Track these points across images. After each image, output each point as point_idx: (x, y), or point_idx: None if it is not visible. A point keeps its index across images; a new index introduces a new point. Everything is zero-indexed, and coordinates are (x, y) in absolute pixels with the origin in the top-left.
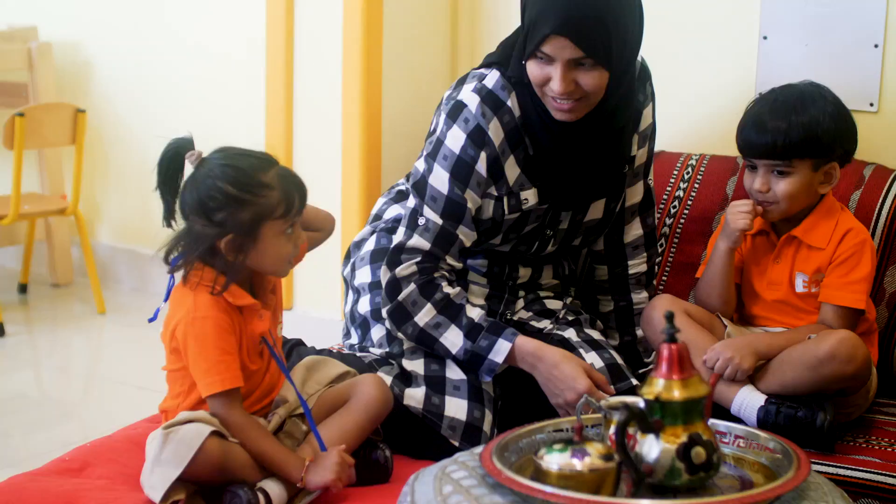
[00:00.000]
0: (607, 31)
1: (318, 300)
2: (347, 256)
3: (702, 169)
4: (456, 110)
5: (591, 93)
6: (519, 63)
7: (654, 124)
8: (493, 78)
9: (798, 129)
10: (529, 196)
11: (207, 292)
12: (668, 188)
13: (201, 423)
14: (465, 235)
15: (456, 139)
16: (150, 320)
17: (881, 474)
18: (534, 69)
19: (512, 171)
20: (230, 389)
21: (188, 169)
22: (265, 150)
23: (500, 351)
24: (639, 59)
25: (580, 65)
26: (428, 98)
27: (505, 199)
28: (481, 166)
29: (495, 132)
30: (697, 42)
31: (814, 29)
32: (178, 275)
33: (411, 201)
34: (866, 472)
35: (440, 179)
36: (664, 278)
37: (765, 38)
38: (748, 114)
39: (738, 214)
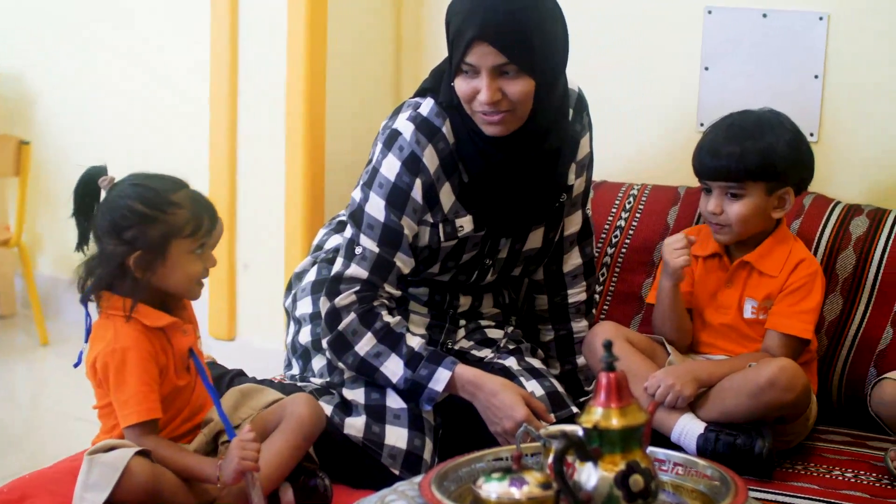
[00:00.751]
0: (529, 37)
1: (262, 330)
2: (289, 287)
3: (643, 199)
4: (391, 139)
5: (519, 102)
6: (449, 86)
7: (591, 154)
8: (427, 105)
9: (753, 154)
10: (465, 223)
11: (124, 321)
12: (610, 218)
13: (126, 448)
14: (403, 262)
15: (391, 167)
16: (76, 365)
17: (819, 500)
18: (462, 85)
19: (447, 198)
20: (147, 421)
21: (103, 195)
22: (209, 179)
23: (439, 380)
24: (576, 88)
25: (504, 73)
26: (371, 128)
27: (440, 227)
28: (417, 193)
29: (430, 159)
30: (640, 73)
31: (755, 59)
32: (93, 310)
33: (348, 231)
34: (805, 498)
35: (376, 207)
36: (605, 307)
37: (706, 68)
38: (705, 136)
39: (674, 252)
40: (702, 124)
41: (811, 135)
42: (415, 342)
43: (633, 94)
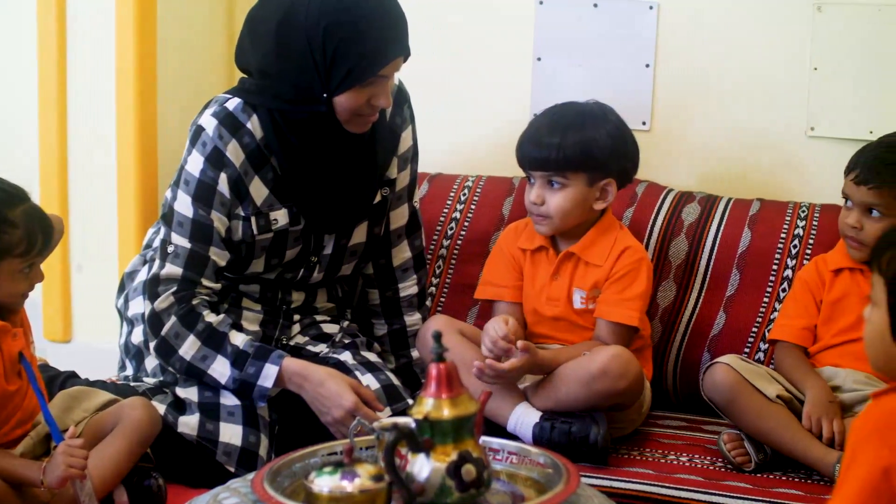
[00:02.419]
0: None
1: (97, 331)
2: (121, 287)
3: (478, 190)
4: (196, 135)
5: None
6: (303, 102)
7: (415, 147)
8: (234, 102)
9: (573, 145)
10: (279, 217)
11: None
12: (445, 210)
13: None
14: (218, 256)
15: (195, 163)
16: None
17: (654, 485)
18: (355, 97)
19: (259, 191)
20: None
21: None
22: (39, 180)
23: (268, 376)
24: (396, 81)
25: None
26: None
27: (253, 220)
28: (223, 187)
29: (234, 153)
30: (473, 64)
31: (587, 50)
32: None
33: (161, 232)
34: (640, 483)
35: (184, 204)
36: (442, 299)
37: (539, 59)
38: (528, 127)
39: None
40: (535, 115)
41: (643, 123)
42: (239, 340)
43: (467, 85)
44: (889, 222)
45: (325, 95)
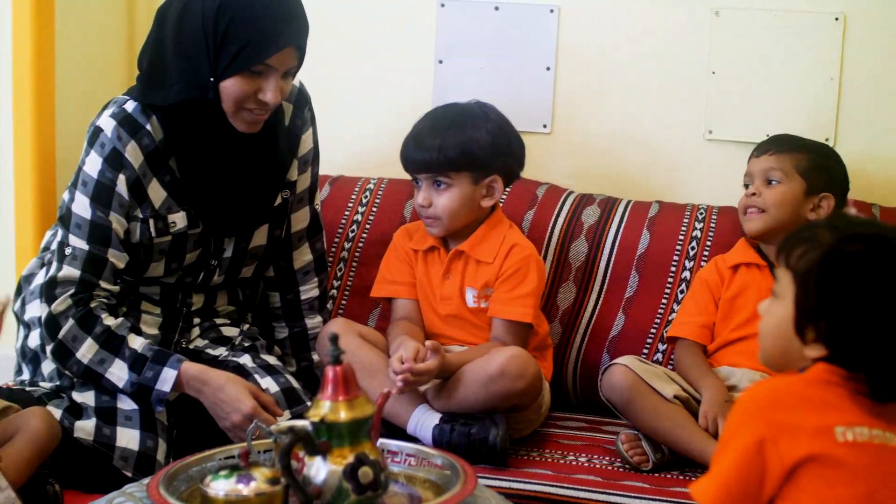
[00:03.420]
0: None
1: None
2: (18, 291)
3: (380, 192)
4: (94, 136)
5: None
6: (189, 87)
7: (315, 149)
8: (133, 103)
9: (454, 145)
10: (177, 219)
11: None
12: (347, 212)
13: None
14: (116, 258)
15: (93, 164)
16: None
17: (552, 486)
18: (241, 85)
19: (157, 193)
20: None
21: None
22: None
23: (166, 380)
24: (296, 83)
25: (286, 74)
26: None
27: (151, 222)
28: (121, 188)
29: (133, 155)
30: (375, 67)
31: (488, 53)
32: None
33: (59, 234)
34: (538, 483)
35: (82, 206)
36: (344, 302)
37: (440, 61)
38: (411, 130)
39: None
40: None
41: (544, 126)
42: (137, 343)
43: (369, 88)
44: (785, 189)
45: (211, 80)
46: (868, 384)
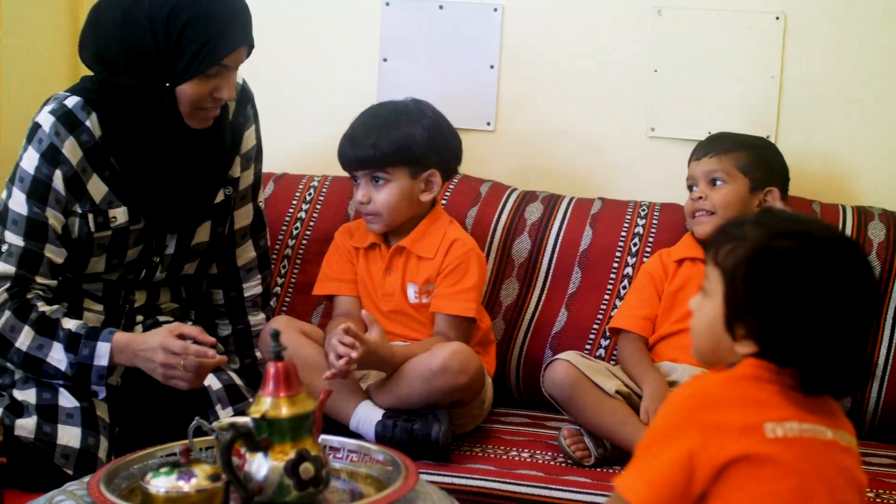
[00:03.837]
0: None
1: None
2: None
3: (324, 190)
4: (32, 132)
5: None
6: (139, 84)
7: (259, 146)
8: (73, 99)
9: (390, 142)
10: (118, 214)
11: None
12: (291, 210)
13: None
14: (54, 254)
15: (31, 160)
16: None
17: (495, 481)
18: (199, 87)
19: (97, 188)
20: None
21: None
22: None
23: (102, 354)
24: (239, 80)
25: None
26: None
27: (90, 217)
28: (58, 184)
29: (71, 150)
30: (319, 65)
31: (432, 51)
32: None
33: None
34: (481, 479)
35: (19, 202)
36: (287, 299)
37: (385, 60)
38: (348, 129)
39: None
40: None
41: (488, 123)
42: (71, 324)
43: (314, 86)
44: (730, 189)
45: (167, 85)
46: (798, 378)
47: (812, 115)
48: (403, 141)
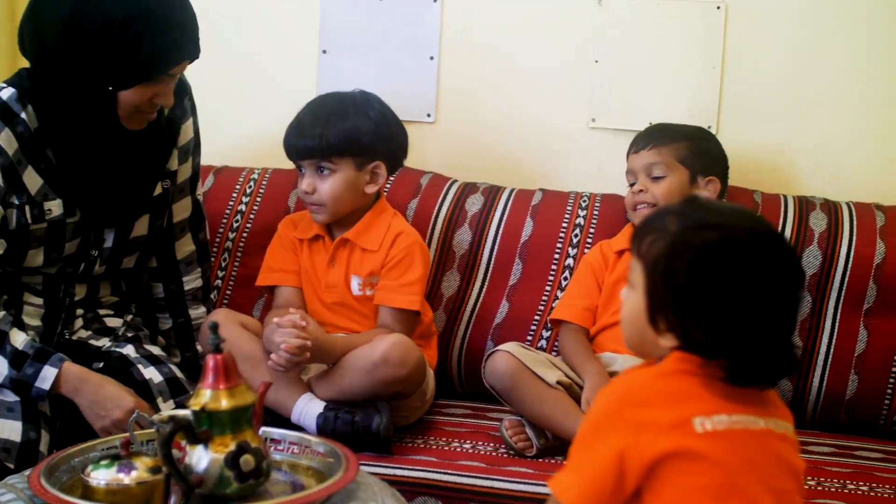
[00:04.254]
0: None
1: None
2: None
3: (264, 182)
4: None
5: None
6: (80, 86)
7: (197, 139)
8: (8, 91)
9: (337, 133)
10: (53, 207)
11: None
12: (231, 203)
13: None
14: None
15: None
16: None
17: (437, 472)
18: (141, 93)
19: (32, 180)
20: None
21: None
22: None
23: (46, 378)
24: None
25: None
26: None
27: (27, 209)
28: None
29: (7, 142)
30: (259, 58)
31: (372, 43)
32: None
33: None
34: (422, 470)
35: None
36: (228, 292)
37: (324, 52)
38: (294, 119)
39: (275, 344)
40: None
41: (428, 115)
42: (19, 340)
43: (253, 78)
44: (671, 181)
45: (110, 89)
46: (724, 370)
47: (753, 106)
48: (351, 131)
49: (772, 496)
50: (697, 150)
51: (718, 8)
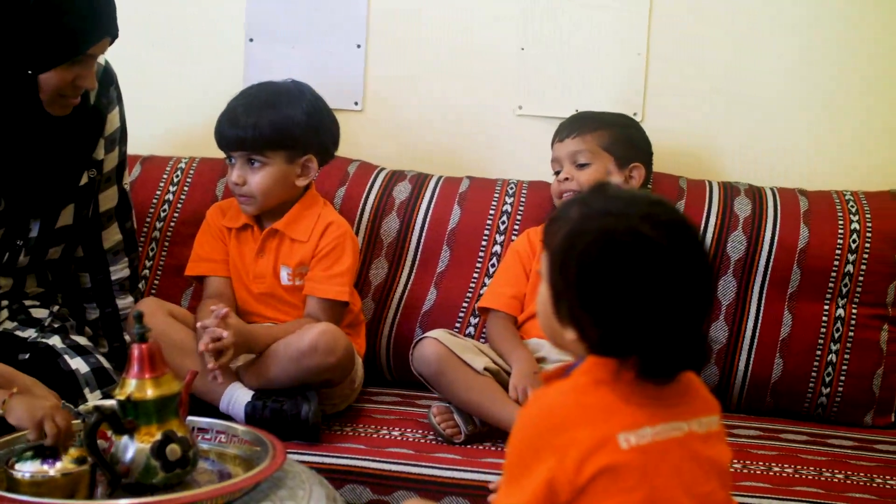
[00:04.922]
0: None
1: None
2: None
3: (191, 172)
4: None
5: None
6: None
7: (123, 128)
8: None
9: (269, 124)
10: None
11: None
12: (158, 192)
13: None
14: None
15: None
16: None
17: (365, 459)
18: (61, 75)
19: None
20: None
21: None
22: None
23: None
24: (102, 62)
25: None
26: None
27: None
28: None
29: None
30: (184, 46)
31: (298, 31)
32: None
33: None
34: (351, 458)
35: None
36: (156, 282)
37: (251, 40)
38: (225, 108)
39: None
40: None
41: (355, 103)
42: None
43: (179, 67)
44: (595, 169)
45: (29, 72)
46: (636, 367)
47: (678, 93)
48: (283, 123)
49: (695, 502)
50: (621, 137)
51: None
